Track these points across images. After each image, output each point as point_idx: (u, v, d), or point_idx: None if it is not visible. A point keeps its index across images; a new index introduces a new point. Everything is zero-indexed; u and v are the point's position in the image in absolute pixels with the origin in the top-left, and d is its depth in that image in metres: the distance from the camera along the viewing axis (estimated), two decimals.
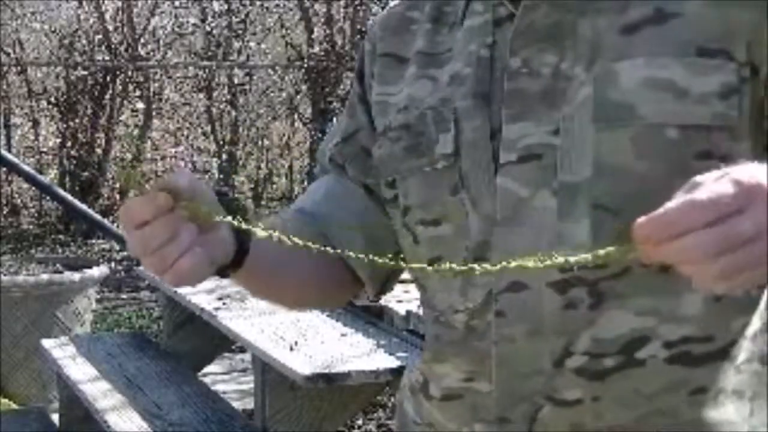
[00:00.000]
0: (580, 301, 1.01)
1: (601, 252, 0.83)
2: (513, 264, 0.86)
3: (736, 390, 1.04)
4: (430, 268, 0.94)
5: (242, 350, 4.76)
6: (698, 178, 0.82)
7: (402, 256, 1.13)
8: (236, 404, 3.84)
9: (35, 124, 9.61)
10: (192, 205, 0.95)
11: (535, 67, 1.04)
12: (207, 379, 4.31)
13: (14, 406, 4.62)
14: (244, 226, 0.96)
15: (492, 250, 1.04)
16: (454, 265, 0.89)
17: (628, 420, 1.03)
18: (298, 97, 9.91)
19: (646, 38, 1.01)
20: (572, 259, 0.84)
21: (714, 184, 0.80)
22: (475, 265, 0.88)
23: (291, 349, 3.02)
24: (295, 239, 0.95)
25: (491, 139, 1.05)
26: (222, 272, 1.03)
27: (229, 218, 0.96)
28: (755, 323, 1.05)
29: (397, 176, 1.13)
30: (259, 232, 0.94)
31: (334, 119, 8.05)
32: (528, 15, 1.05)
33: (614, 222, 0.98)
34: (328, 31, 9.03)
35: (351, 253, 0.98)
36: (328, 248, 0.95)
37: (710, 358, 1.03)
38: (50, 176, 9.01)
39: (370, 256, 0.94)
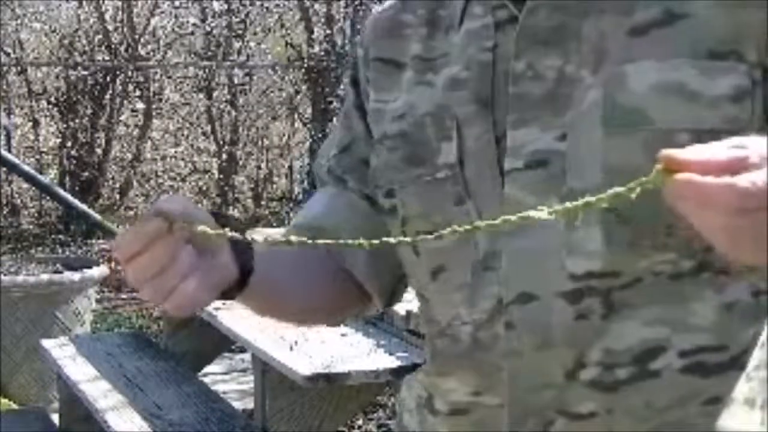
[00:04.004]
0: (592, 311, 0.99)
1: (624, 188, 0.77)
2: (532, 213, 0.78)
3: (747, 399, 1.03)
4: (430, 236, 0.83)
5: (242, 350, 4.75)
6: (744, 140, 0.78)
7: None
8: (236, 404, 3.84)
9: (35, 124, 9.60)
10: (190, 226, 0.88)
11: (539, 71, 1.01)
12: (207, 379, 4.31)
13: (14, 406, 4.62)
14: (247, 238, 0.90)
15: (500, 259, 1.01)
16: (457, 227, 0.82)
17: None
18: (298, 97, 9.88)
19: (655, 40, 0.98)
20: (592, 199, 0.78)
21: (760, 171, 0.76)
22: (479, 222, 0.81)
23: (291, 349, 3.03)
24: (302, 239, 0.89)
25: (496, 145, 1.02)
26: (226, 295, 0.99)
27: (228, 231, 0.89)
28: (764, 330, 1.04)
29: (395, 186, 1.10)
30: (263, 242, 0.88)
31: (334, 119, 8.04)
32: (532, 17, 1.02)
33: (627, 228, 0.96)
34: (328, 31, 9.01)
35: (365, 242, 0.86)
36: (339, 242, 0.88)
37: (723, 367, 1.01)
38: (50, 176, 9.01)
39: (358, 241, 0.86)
